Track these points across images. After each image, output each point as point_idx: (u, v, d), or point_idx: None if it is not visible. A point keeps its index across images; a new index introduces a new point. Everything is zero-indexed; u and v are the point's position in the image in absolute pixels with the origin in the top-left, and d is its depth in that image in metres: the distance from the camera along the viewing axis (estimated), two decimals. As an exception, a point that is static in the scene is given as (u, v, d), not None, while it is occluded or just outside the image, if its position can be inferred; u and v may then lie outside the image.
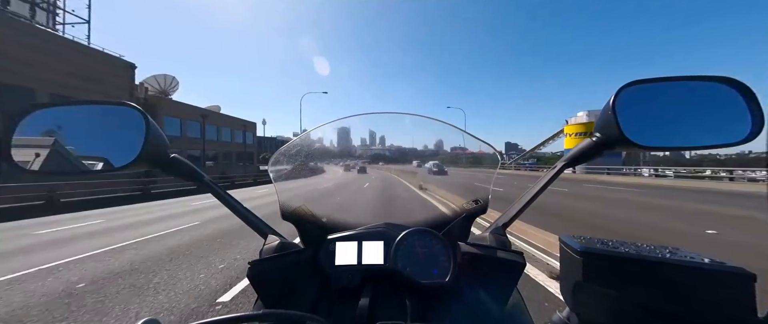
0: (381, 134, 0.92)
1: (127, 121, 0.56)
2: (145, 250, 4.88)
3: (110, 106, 0.61)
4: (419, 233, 0.62)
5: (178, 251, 4.79)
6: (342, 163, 0.95)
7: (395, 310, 0.52)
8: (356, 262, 0.60)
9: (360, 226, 0.68)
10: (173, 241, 5.50)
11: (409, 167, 1.06)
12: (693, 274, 0.41)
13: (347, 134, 0.92)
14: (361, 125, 0.85)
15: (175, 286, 3.40)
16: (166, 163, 0.59)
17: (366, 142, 0.99)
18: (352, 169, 0.97)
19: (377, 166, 1.05)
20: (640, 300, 0.43)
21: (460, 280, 0.59)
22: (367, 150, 1.05)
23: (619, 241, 0.50)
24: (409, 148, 0.99)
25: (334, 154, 0.91)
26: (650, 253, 0.45)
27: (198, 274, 3.75)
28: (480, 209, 0.71)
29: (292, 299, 0.57)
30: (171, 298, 3.07)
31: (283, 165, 0.74)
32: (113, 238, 5.85)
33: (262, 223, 0.66)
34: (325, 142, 0.87)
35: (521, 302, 0.63)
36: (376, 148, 1.06)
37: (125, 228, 6.87)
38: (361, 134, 0.95)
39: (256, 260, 0.57)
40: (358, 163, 0.99)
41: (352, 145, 0.97)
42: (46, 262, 4.38)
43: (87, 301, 3.05)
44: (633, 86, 0.56)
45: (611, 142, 0.59)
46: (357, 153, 1.00)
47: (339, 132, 0.88)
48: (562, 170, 0.66)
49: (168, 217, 8.28)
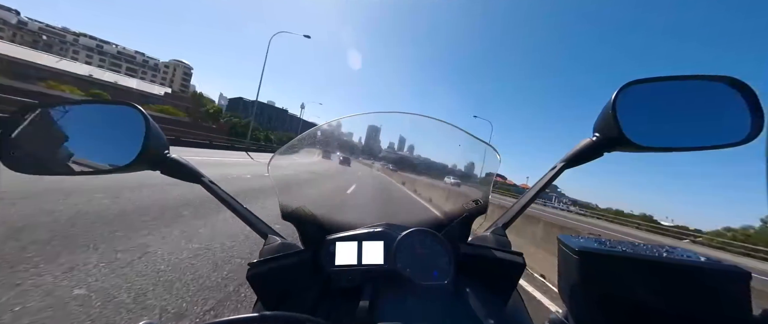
0: (377, 133, 0.91)
1: (127, 121, 0.56)
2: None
3: (110, 105, 0.61)
4: (419, 233, 0.62)
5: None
6: (339, 155, 0.94)
7: (395, 310, 0.52)
8: (356, 263, 0.60)
9: (360, 227, 0.68)
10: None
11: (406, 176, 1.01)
12: (689, 272, 0.42)
13: (348, 132, 0.92)
14: (361, 125, 0.85)
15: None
16: (165, 163, 0.59)
17: (362, 141, 0.97)
18: (340, 160, 0.94)
19: (369, 164, 1.02)
20: (636, 299, 0.43)
21: (460, 281, 0.59)
22: (365, 148, 1.03)
23: (616, 240, 0.51)
24: (408, 153, 0.97)
25: (333, 146, 0.90)
26: (647, 252, 0.45)
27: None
28: (480, 209, 0.71)
29: (293, 300, 0.57)
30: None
31: (282, 164, 0.74)
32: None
33: (262, 223, 0.66)
34: (326, 137, 0.86)
35: (521, 302, 0.63)
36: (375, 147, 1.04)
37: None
38: (360, 134, 0.94)
39: (256, 261, 0.57)
40: (348, 157, 0.96)
41: (350, 141, 0.96)
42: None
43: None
44: (633, 86, 0.56)
45: (611, 143, 0.59)
46: (356, 149, 0.98)
47: (340, 130, 0.89)
48: (561, 171, 0.65)
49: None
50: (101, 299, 2.01)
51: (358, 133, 0.93)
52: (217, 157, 14.33)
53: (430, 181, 1.01)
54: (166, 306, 2.09)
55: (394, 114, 0.82)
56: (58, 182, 4.20)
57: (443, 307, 0.55)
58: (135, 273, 2.42)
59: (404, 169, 1.04)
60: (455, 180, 0.88)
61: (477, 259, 0.62)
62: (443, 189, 0.96)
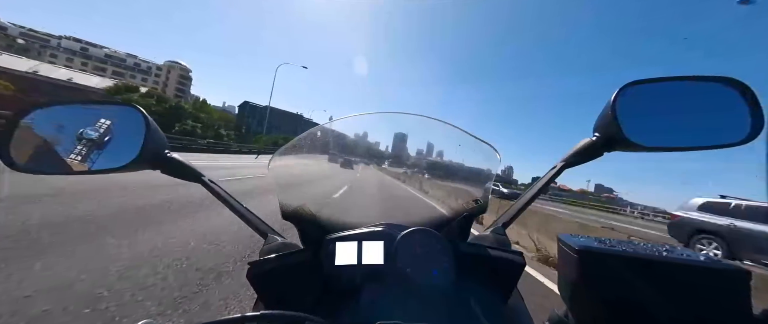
0: (375, 134, 0.91)
1: (127, 121, 0.56)
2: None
3: (111, 105, 0.61)
4: (419, 233, 0.62)
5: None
6: (340, 158, 0.94)
7: (395, 310, 0.52)
8: (356, 262, 0.60)
9: (360, 226, 0.69)
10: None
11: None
12: (689, 271, 0.42)
13: (349, 131, 0.91)
14: (362, 124, 0.85)
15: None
16: (165, 163, 0.59)
17: (357, 141, 0.97)
18: (343, 164, 0.94)
19: (369, 163, 1.01)
20: (636, 298, 0.43)
21: (460, 280, 0.59)
22: (365, 149, 1.03)
23: (616, 240, 0.51)
24: (407, 151, 0.97)
25: (332, 148, 0.90)
26: (647, 251, 0.46)
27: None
28: (480, 209, 0.71)
29: (293, 299, 0.57)
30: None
31: (282, 163, 0.74)
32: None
33: (261, 223, 0.66)
34: (325, 138, 0.86)
35: (521, 302, 0.63)
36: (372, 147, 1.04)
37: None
38: (360, 133, 0.94)
39: (256, 261, 0.57)
40: (349, 159, 0.96)
41: (351, 140, 0.95)
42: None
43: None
44: (634, 86, 0.56)
45: (611, 143, 0.59)
46: (355, 151, 0.98)
47: (339, 131, 0.88)
48: (561, 170, 0.66)
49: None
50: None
51: (358, 133, 0.93)
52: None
53: (429, 179, 1.01)
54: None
55: (394, 114, 0.82)
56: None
57: (443, 307, 0.55)
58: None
59: (404, 167, 1.04)
60: (455, 178, 0.88)
61: (477, 259, 0.62)
62: (443, 187, 0.96)
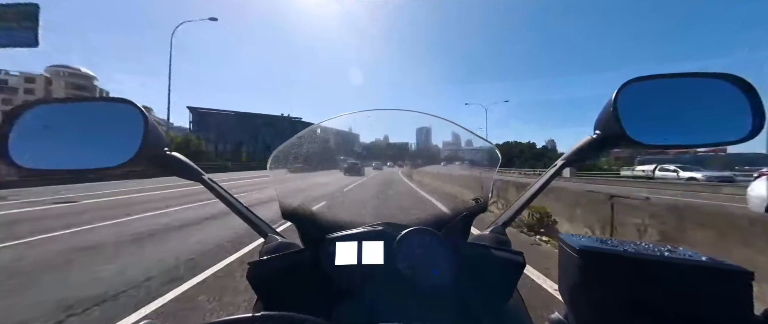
0: (371, 132, 0.91)
1: (125, 118, 0.56)
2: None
3: (107, 102, 0.60)
4: (419, 233, 0.62)
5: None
6: (344, 162, 0.94)
7: (395, 310, 0.52)
8: (356, 262, 0.60)
9: (360, 226, 0.68)
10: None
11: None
12: (691, 272, 0.41)
13: (346, 133, 0.91)
14: (362, 124, 0.85)
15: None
16: (164, 161, 0.59)
17: (354, 140, 0.96)
18: (348, 170, 0.95)
19: (369, 161, 1.01)
20: (638, 298, 0.43)
21: (459, 280, 0.59)
22: (364, 149, 1.03)
23: (617, 239, 0.50)
24: (405, 146, 0.96)
25: (331, 152, 0.90)
26: (648, 251, 0.45)
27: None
28: (479, 208, 0.70)
29: (292, 300, 0.56)
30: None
31: (282, 163, 0.74)
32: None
33: (262, 222, 0.66)
34: (321, 140, 0.86)
35: (520, 302, 0.63)
36: (373, 146, 1.04)
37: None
38: (359, 131, 0.93)
39: (256, 261, 0.57)
40: (357, 163, 0.96)
41: (350, 143, 0.95)
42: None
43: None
44: (635, 83, 0.56)
45: (612, 140, 0.58)
46: (356, 151, 0.98)
47: (337, 131, 0.88)
48: (561, 169, 0.65)
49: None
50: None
51: (357, 131, 0.93)
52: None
53: (430, 176, 1.01)
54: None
55: (395, 111, 0.82)
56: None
57: (443, 307, 0.55)
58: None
59: (404, 164, 1.04)
60: (456, 175, 0.88)
61: (477, 258, 0.62)
62: (442, 185, 0.97)
